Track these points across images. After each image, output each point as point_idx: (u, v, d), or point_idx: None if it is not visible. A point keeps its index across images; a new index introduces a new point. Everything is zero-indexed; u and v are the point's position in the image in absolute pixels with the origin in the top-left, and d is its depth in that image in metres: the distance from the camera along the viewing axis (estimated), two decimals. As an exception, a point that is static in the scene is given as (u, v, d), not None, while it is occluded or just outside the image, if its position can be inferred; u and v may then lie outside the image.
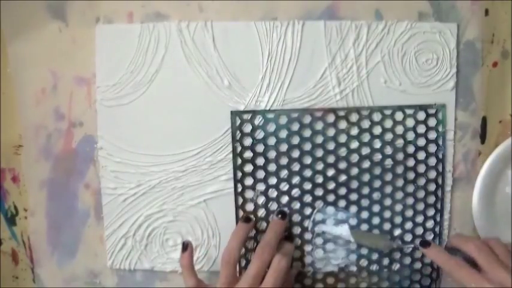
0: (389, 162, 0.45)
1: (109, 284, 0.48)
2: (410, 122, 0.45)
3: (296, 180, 0.45)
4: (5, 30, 0.45)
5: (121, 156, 0.46)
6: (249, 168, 0.45)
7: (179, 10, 0.44)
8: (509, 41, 0.45)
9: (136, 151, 0.46)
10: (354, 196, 0.45)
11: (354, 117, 0.45)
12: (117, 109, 0.45)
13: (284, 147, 0.45)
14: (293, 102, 0.45)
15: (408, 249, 0.46)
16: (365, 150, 0.45)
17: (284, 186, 0.45)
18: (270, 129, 0.45)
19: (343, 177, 0.45)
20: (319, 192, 0.45)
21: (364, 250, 0.46)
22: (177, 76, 0.45)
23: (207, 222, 0.46)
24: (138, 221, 0.46)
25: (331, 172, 0.45)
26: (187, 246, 0.43)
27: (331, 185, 0.45)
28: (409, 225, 0.46)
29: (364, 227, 0.46)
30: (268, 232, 0.42)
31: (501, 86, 0.46)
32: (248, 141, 0.45)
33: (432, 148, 0.45)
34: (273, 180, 0.45)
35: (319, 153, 0.45)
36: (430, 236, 0.46)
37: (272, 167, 0.45)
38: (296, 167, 0.45)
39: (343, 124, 0.45)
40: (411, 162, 0.45)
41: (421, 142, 0.45)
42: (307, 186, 0.45)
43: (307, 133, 0.45)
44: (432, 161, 0.45)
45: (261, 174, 0.45)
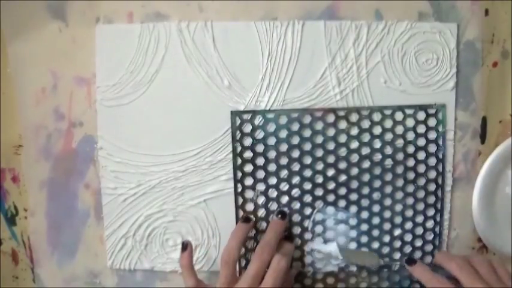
0: (389, 162, 0.45)
1: (109, 284, 0.48)
2: (410, 122, 0.45)
3: (296, 180, 0.45)
4: (5, 30, 0.45)
5: (121, 156, 0.46)
6: (249, 168, 0.45)
7: (179, 10, 0.44)
8: (509, 41, 0.45)
9: (136, 151, 0.46)
10: (354, 196, 0.46)
11: (354, 117, 0.45)
12: (117, 109, 0.45)
13: (284, 147, 0.45)
14: (293, 102, 0.45)
15: (395, 266, 0.46)
16: (365, 150, 0.45)
17: (284, 186, 0.45)
18: (270, 129, 0.45)
19: (343, 177, 0.45)
20: (319, 192, 0.45)
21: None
22: (177, 76, 0.45)
23: (207, 222, 0.46)
24: (138, 221, 0.47)
25: (331, 172, 0.45)
26: (186, 246, 0.43)
27: (331, 185, 0.45)
28: (409, 225, 0.46)
29: (364, 227, 0.46)
30: (268, 232, 0.42)
31: (501, 86, 0.46)
32: (248, 141, 0.45)
33: (432, 148, 0.45)
34: (273, 180, 0.45)
35: (319, 153, 0.45)
36: (430, 236, 0.46)
37: (272, 167, 0.45)
38: (296, 167, 0.45)
39: (343, 124, 0.45)
40: (411, 162, 0.45)
41: (421, 142, 0.45)
42: (307, 186, 0.45)
43: (307, 133, 0.45)
44: (432, 161, 0.45)
45: (261, 174, 0.45)
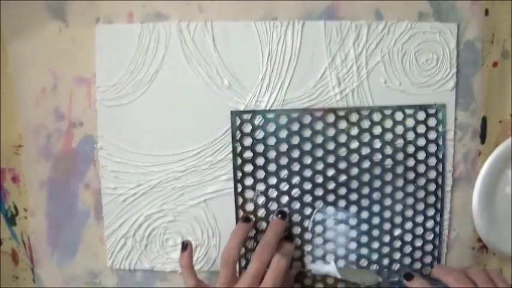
0: (389, 162, 0.45)
1: (109, 284, 0.48)
2: (410, 122, 0.45)
3: (296, 180, 0.45)
4: (5, 30, 0.45)
5: (121, 156, 0.46)
6: (249, 168, 0.45)
7: (179, 10, 0.44)
8: (509, 41, 0.45)
9: (136, 151, 0.46)
10: (354, 196, 0.45)
11: (354, 117, 0.45)
12: (117, 109, 0.45)
13: (284, 147, 0.45)
14: (293, 102, 0.45)
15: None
16: (365, 150, 0.45)
17: (284, 186, 0.45)
18: (270, 129, 0.45)
19: (343, 177, 0.45)
20: (319, 192, 0.45)
21: (364, 250, 0.46)
22: (177, 76, 0.45)
23: (207, 222, 0.46)
24: (138, 221, 0.47)
25: (331, 172, 0.45)
26: (186, 245, 0.43)
27: (331, 185, 0.45)
28: (409, 225, 0.46)
29: (364, 227, 0.46)
30: (268, 232, 0.42)
31: (501, 86, 0.46)
32: (248, 141, 0.45)
33: (432, 148, 0.45)
34: (273, 180, 0.45)
35: (319, 153, 0.45)
36: (430, 236, 0.46)
37: (272, 167, 0.45)
38: (296, 167, 0.45)
39: (343, 124, 0.45)
40: (411, 162, 0.45)
41: (421, 142, 0.45)
42: (307, 186, 0.45)
43: (307, 133, 0.45)
44: (432, 161, 0.45)
45: (261, 174, 0.45)
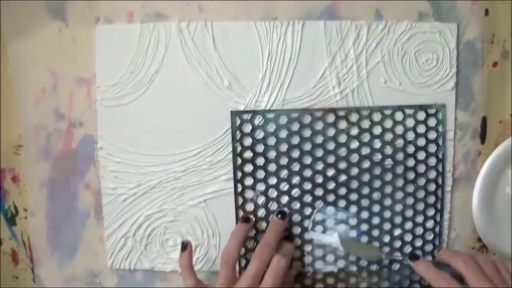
0: (389, 162, 0.45)
1: (109, 284, 0.48)
2: (410, 122, 0.45)
3: (296, 180, 0.45)
4: (5, 30, 0.45)
5: (121, 156, 0.46)
6: (249, 168, 0.45)
7: (179, 10, 0.44)
8: (509, 41, 0.45)
9: (136, 151, 0.46)
10: (354, 196, 0.45)
11: (354, 117, 0.45)
12: (117, 109, 0.45)
13: (284, 147, 0.45)
14: (293, 102, 0.45)
15: (396, 266, 0.46)
16: (365, 150, 0.45)
17: (284, 186, 0.45)
18: (270, 129, 0.45)
19: (343, 177, 0.45)
20: (319, 192, 0.45)
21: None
22: (177, 76, 0.45)
23: (207, 222, 0.46)
24: (138, 221, 0.46)
25: (331, 172, 0.45)
26: (186, 245, 0.43)
27: (331, 185, 0.45)
28: (409, 225, 0.46)
29: (364, 227, 0.46)
30: (267, 232, 0.42)
31: (501, 86, 0.46)
32: (248, 141, 0.45)
33: (432, 148, 0.45)
34: (273, 180, 0.45)
35: (319, 153, 0.45)
36: (430, 236, 0.46)
37: (272, 167, 0.45)
38: (296, 167, 0.45)
39: (343, 124, 0.45)
40: (411, 162, 0.45)
41: (421, 142, 0.45)
42: (307, 186, 0.45)
43: (307, 133, 0.45)
44: (432, 161, 0.45)
45: (261, 174, 0.45)
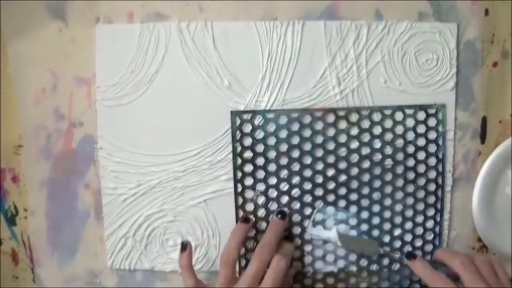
0: (389, 162, 0.45)
1: (109, 284, 0.48)
2: (410, 122, 0.45)
3: (296, 180, 0.45)
4: (5, 30, 0.45)
5: (121, 156, 0.46)
6: (249, 168, 0.45)
7: (179, 10, 0.44)
8: (509, 41, 0.45)
9: (136, 151, 0.46)
10: (354, 196, 0.45)
11: (354, 117, 0.45)
12: (117, 109, 0.45)
13: (284, 147, 0.45)
14: (293, 102, 0.45)
15: (395, 257, 0.46)
16: (365, 150, 0.45)
17: (284, 186, 0.45)
18: (270, 129, 0.45)
19: (343, 177, 0.45)
20: (319, 192, 0.45)
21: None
22: (177, 76, 0.45)
23: (207, 222, 0.46)
24: (138, 221, 0.46)
25: (331, 172, 0.45)
26: (186, 246, 0.43)
27: (331, 185, 0.45)
28: (409, 225, 0.46)
29: (364, 227, 0.46)
30: (267, 232, 0.42)
31: (501, 86, 0.46)
32: (248, 141, 0.45)
33: (432, 148, 0.45)
34: (273, 180, 0.45)
35: (319, 153, 0.45)
36: (430, 236, 0.46)
37: (272, 167, 0.45)
38: (296, 167, 0.45)
39: (343, 124, 0.45)
40: (411, 162, 0.45)
41: (421, 142, 0.45)
42: (307, 186, 0.45)
43: (307, 133, 0.45)
44: (432, 161, 0.45)
45: (261, 174, 0.45)
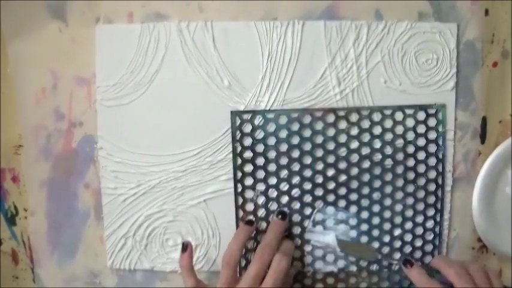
0: (389, 162, 0.45)
1: (109, 284, 0.48)
2: (410, 122, 0.45)
3: (296, 180, 0.45)
4: (5, 30, 0.45)
5: (121, 156, 0.46)
6: (249, 168, 0.45)
7: (179, 10, 0.44)
8: (509, 41, 0.45)
9: (136, 151, 0.46)
10: (354, 196, 0.45)
11: (354, 117, 0.45)
12: (117, 109, 0.45)
13: (284, 147, 0.45)
14: (293, 102, 0.45)
15: (395, 266, 0.46)
16: (365, 150, 0.45)
17: (284, 186, 0.45)
18: (270, 129, 0.45)
19: (343, 177, 0.45)
20: (319, 192, 0.45)
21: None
22: (177, 76, 0.45)
23: (207, 222, 0.46)
24: (138, 221, 0.46)
25: (331, 172, 0.45)
26: (186, 246, 0.43)
27: (331, 185, 0.45)
28: (409, 225, 0.46)
29: (364, 227, 0.46)
30: (268, 233, 0.42)
31: (501, 86, 0.46)
32: (248, 141, 0.45)
33: (432, 148, 0.45)
34: (273, 180, 0.45)
35: (319, 153, 0.45)
36: (430, 236, 0.46)
37: (272, 167, 0.45)
38: (296, 167, 0.45)
39: (343, 124, 0.45)
40: (411, 162, 0.45)
41: (421, 142, 0.45)
42: (307, 186, 0.45)
43: (307, 133, 0.45)
44: (432, 161, 0.45)
45: (261, 174, 0.45)
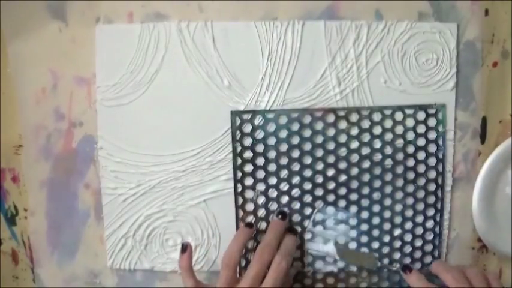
0: (389, 162, 0.45)
1: (109, 284, 0.48)
2: (410, 122, 0.45)
3: (296, 180, 0.45)
4: (5, 30, 0.45)
5: (121, 156, 0.46)
6: (249, 168, 0.45)
7: (179, 10, 0.44)
8: (509, 41, 0.45)
9: (136, 151, 0.46)
10: (354, 196, 0.45)
11: (354, 117, 0.45)
12: (117, 109, 0.45)
13: (284, 147, 0.45)
14: (293, 102, 0.45)
15: (393, 270, 0.46)
16: (365, 150, 0.45)
17: (284, 186, 0.45)
18: (270, 129, 0.45)
19: (343, 177, 0.45)
20: (319, 192, 0.45)
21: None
22: (177, 76, 0.45)
23: (207, 222, 0.46)
24: (138, 221, 0.46)
25: (331, 172, 0.45)
26: (186, 247, 0.43)
27: (331, 185, 0.45)
28: (409, 225, 0.46)
29: (364, 227, 0.46)
30: (268, 233, 0.42)
31: (501, 86, 0.46)
32: (248, 141, 0.45)
33: (432, 148, 0.45)
34: (273, 180, 0.45)
35: (319, 153, 0.45)
36: (430, 236, 0.46)
37: (272, 167, 0.45)
38: (296, 167, 0.45)
39: (343, 124, 0.45)
40: (411, 162, 0.45)
41: (421, 142, 0.45)
42: (307, 186, 0.45)
43: (307, 133, 0.45)
44: (432, 161, 0.45)
45: (261, 174, 0.45)
